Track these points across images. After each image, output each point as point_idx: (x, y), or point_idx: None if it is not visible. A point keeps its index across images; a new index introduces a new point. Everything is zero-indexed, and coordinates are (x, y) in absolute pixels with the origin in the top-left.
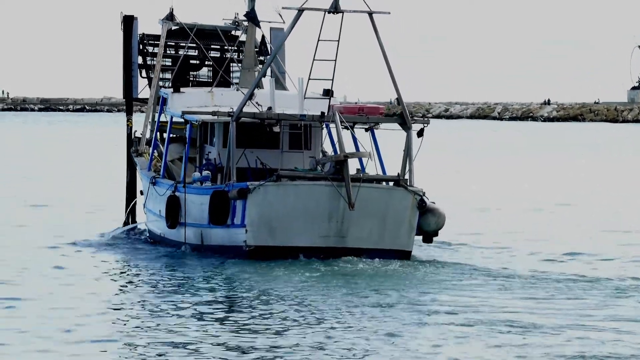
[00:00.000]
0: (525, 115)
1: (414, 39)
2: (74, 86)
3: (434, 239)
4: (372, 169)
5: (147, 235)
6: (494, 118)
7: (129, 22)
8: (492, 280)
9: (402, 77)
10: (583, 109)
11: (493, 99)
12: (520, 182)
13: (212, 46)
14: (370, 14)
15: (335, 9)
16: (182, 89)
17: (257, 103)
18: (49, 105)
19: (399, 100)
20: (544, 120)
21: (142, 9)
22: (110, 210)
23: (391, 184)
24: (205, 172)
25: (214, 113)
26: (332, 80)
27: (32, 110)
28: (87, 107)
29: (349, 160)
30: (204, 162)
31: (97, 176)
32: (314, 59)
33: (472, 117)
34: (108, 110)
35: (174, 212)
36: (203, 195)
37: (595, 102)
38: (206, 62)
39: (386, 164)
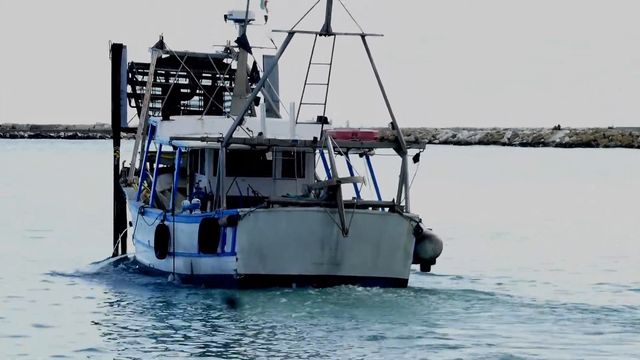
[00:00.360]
0: (536, 141)
1: (413, 40)
2: (65, 113)
3: (433, 267)
4: (367, 196)
5: (137, 266)
6: (504, 144)
7: (117, 51)
8: (498, 310)
9: (399, 92)
10: (596, 135)
11: (496, 111)
12: (530, 208)
13: (203, 74)
14: (362, 36)
15: (326, 31)
16: (171, 117)
17: (247, 129)
18: (39, 132)
19: (393, 124)
20: (556, 146)
21: (132, 37)
22: (100, 241)
23: (387, 210)
24: (194, 200)
25: (203, 139)
26: (325, 104)
27: (22, 137)
28: (79, 134)
29: (344, 186)
30: (194, 190)
31: (88, 205)
32: (305, 83)
33: (480, 142)
34: (101, 137)
35: (162, 242)
36: (192, 224)
37: (609, 128)
38: (197, 91)
39: (382, 190)
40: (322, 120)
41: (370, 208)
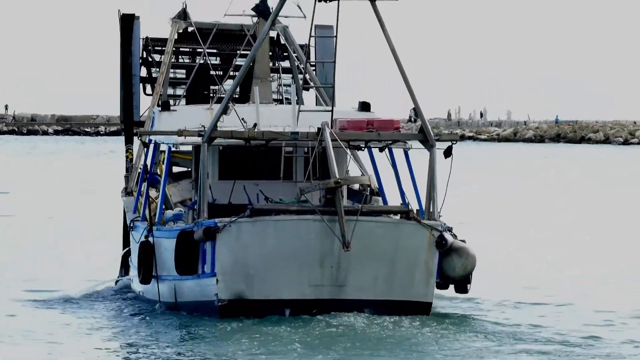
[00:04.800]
0: None
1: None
2: (103, 100)
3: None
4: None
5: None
6: None
7: (128, 23)
8: (544, 347)
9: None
10: None
11: None
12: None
13: (239, 52)
14: (372, 1)
15: None
16: (173, 107)
17: (242, 119)
18: (69, 126)
19: (416, 110)
20: None
21: (147, 6)
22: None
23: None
24: (177, 210)
25: (180, 133)
26: (333, 86)
27: (45, 133)
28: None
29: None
30: (195, 199)
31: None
32: (307, 61)
33: None
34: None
35: (146, 262)
36: (172, 239)
37: None
38: (231, 72)
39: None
40: (366, 107)
41: (381, 215)
